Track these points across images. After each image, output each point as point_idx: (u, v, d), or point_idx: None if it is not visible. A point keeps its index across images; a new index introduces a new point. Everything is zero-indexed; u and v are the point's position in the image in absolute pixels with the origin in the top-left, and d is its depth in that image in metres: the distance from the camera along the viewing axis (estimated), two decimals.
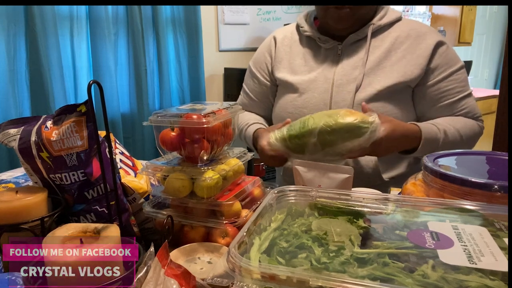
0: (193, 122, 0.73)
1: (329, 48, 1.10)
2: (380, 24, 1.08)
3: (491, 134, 1.96)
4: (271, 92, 1.21)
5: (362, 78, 1.04)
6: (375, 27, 1.07)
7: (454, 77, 1.07)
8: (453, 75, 1.07)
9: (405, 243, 0.50)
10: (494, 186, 0.63)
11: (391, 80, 1.03)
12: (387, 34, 1.08)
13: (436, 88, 1.06)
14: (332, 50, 1.10)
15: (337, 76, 1.07)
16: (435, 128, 1.00)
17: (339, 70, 1.07)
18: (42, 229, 0.65)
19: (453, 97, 1.07)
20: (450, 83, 1.07)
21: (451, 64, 1.07)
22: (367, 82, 1.04)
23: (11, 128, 0.72)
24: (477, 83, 4.79)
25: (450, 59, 1.07)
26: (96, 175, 0.71)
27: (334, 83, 1.06)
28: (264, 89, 1.21)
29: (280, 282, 0.44)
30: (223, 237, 0.75)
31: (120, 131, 2.29)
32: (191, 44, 2.57)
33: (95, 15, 2.11)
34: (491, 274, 0.43)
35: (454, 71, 1.07)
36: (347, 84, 1.05)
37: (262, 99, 1.23)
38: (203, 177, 0.73)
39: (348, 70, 1.07)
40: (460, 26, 3.92)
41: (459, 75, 1.08)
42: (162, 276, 0.51)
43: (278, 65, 1.17)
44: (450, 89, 1.07)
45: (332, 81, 1.07)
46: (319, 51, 1.12)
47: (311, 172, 0.84)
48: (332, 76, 1.07)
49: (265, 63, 1.20)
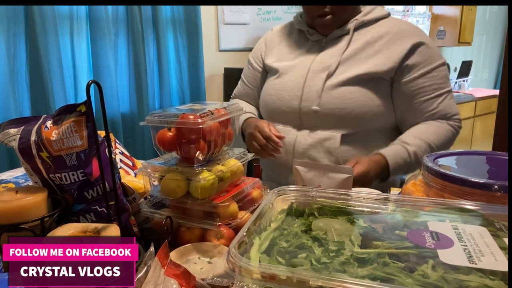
0: (189, 123, 0.73)
1: (315, 40, 1.19)
2: (364, 20, 1.14)
3: (491, 134, 1.96)
4: (261, 78, 1.31)
5: (336, 67, 1.11)
6: (358, 22, 1.14)
7: (432, 74, 1.10)
8: (431, 72, 1.09)
9: (405, 243, 0.50)
10: (494, 186, 0.63)
11: (362, 70, 1.08)
12: (370, 29, 1.14)
13: (413, 84, 1.09)
14: (318, 42, 1.19)
15: (314, 63, 1.15)
16: (405, 154, 1.04)
17: (318, 58, 1.16)
18: (42, 229, 0.65)
19: (429, 94, 1.09)
20: (428, 79, 1.09)
21: (430, 62, 1.09)
22: (341, 70, 1.11)
23: (11, 128, 0.72)
24: (477, 83, 4.79)
25: (429, 56, 1.10)
26: (96, 175, 0.71)
27: (310, 69, 1.14)
28: (257, 74, 1.31)
29: (280, 282, 0.44)
30: (218, 239, 0.75)
31: (120, 131, 2.29)
32: (191, 44, 2.56)
33: (95, 15, 2.11)
34: (491, 274, 0.43)
35: (433, 68, 1.09)
36: (322, 71, 1.13)
37: (254, 84, 1.32)
38: (198, 178, 0.73)
39: (325, 58, 1.14)
40: (460, 26, 3.92)
41: (438, 72, 1.10)
42: (162, 276, 0.51)
43: (269, 53, 1.28)
44: (427, 85, 1.09)
45: (309, 67, 1.15)
46: (307, 42, 1.21)
47: (311, 172, 0.84)
48: (310, 63, 1.15)
49: (260, 51, 1.31)
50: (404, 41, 1.09)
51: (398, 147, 1.06)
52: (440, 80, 1.10)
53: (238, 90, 1.38)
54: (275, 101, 1.18)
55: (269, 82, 1.24)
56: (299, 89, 1.14)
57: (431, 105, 1.10)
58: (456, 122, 1.13)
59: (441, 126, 1.10)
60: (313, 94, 1.11)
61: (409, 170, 1.07)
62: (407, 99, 1.11)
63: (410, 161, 1.04)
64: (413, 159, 1.04)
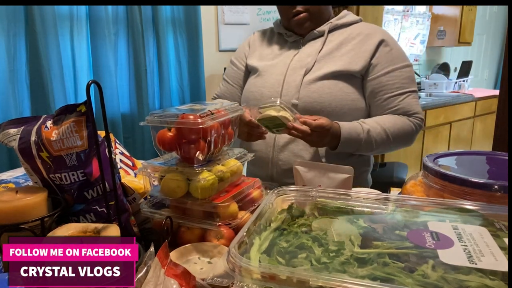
0: (189, 123, 0.73)
1: (293, 41, 1.28)
2: (337, 24, 1.23)
3: (491, 134, 1.96)
4: (244, 77, 1.37)
5: (313, 64, 1.19)
6: (332, 25, 1.23)
7: (396, 73, 1.17)
8: (395, 71, 1.17)
9: (405, 243, 0.50)
10: (494, 186, 0.63)
11: (337, 67, 1.16)
12: (343, 31, 1.23)
13: (377, 81, 1.17)
14: (295, 43, 1.28)
15: (293, 62, 1.23)
16: (359, 128, 1.10)
17: (296, 57, 1.23)
18: (42, 229, 0.65)
19: (392, 92, 1.16)
20: (391, 78, 1.16)
21: (395, 62, 1.17)
22: (317, 67, 1.18)
23: (11, 128, 0.72)
24: (477, 83, 4.79)
25: (394, 57, 1.18)
26: (96, 175, 0.71)
27: (289, 67, 1.22)
28: (240, 74, 1.38)
29: (280, 282, 0.44)
30: (218, 239, 0.75)
31: (120, 131, 2.29)
32: (191, 44, 2.56)
33: (95, 15, 2.11)
34: (491, 274, 0.43)
35: (396, 68, 1.17)
36: (300, 68, 1.20)
37: (237, 83, 1.38)
38: (198, 178, 0.73)
39: (303, 57, 1.22)
40: (460, 26, 3.92)
41: (402, 73, 1.17)
42: (162, 276, 0.51)
43: (251, 54, 1.35)
44: (390, 84, 1.16)
45: (288, 65, 1.22)
46: (286, 44, 1.30)
47: (311, 172, 0.84)
48: (289, 62, 1.23)
49: (243, 52, 1.39)
50: (372, 40, 1.18)
51: (354, 123, 1.12)
52: (404, 80, 1.17)
53: (221, 90, 1.43)
54: (256, 97, 1.23)
55: (250, 81, 1.31)
56: (279, 85, 1.20)
57: (392, 102, 1.16)
58: (416, 120, 1.18)
59: (399, 118, 1.16)
60: (292, 89, 1.18)
61: (360, 147, 1.11)
62: (372, 96, 1.18)
63: (362, 138, 1.09)
64: (365, 136, 1.09)
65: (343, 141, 1.08)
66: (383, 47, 1.18)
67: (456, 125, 3.74)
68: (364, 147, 1.12)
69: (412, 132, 1.17)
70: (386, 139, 1.12)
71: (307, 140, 1.03)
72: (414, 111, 1.18)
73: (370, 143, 1.11)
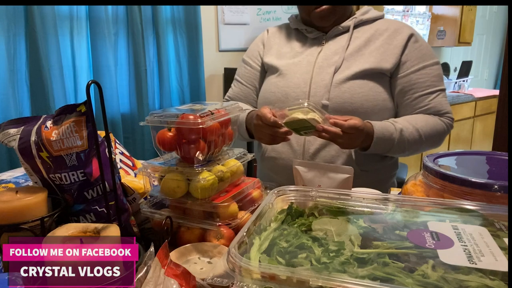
0: (189, 123, 0.73)
1: (315, 38, 1.20)
2: (362, 19, 1.17)
3: (491, 134, 1.97)
4: (260, 77, 1.29)
5: (341, 62, 1.12)
6: (357, 20, 1.16)
7: (426, 71, 1.12)
8: (425, 69, 1.11)
9: (405, 243, 0.50)
10: (494, 186, 0.63)
11: (367, 64, 1.10)
12: (368, 27, 1.17)
13: (407, 79, 1.12)
14: (317, 40, 1.20)
15: (319, 59, 1.15)
16: (391, 128, 1.04)
17: (322, 54, 1.16)
18: (42, 229, 0.65)
19: (422, 90, 1.11)
20: (421, 76, 1.11)
21: (424, 59, 1.12)
22: (346, 65, 1.12)
23: (11, 128, 0.72)
24: (477, 83, 4.79)
25: (423, 53, 1.12)
26: (96, 175, 0.71)
27: (316, 65, 1.15)
28: (254, 73, 1.29)
29: (280, 282, 0.44)
30: (218, 239, 0.75)
31: (120, 131, 2.29)
32: (191, 44, 2.56)
33: (95, 15, 2.11)
34: (491, 274, 0.43)
35: (426, 66, 1.12)
36: (328, 66, 1.13)
37: (251, 83, 1.30)
38: (198, 178, 0.73)
39: (329, 55, 1.15)
40: (460, 26, 3.92)
41: (432, 70, 1.12)
42: (162, 276, 0.51)
43: (267, 52, 1.27)
44: (420, 82, 1.11)
45: (314, 63, 1.15)
46: (306, 40, 1.22)
47: (311, 172, 0.84)
48: (314, 60, 1.16)
49: (258, 51, 1.31)
50: (400, 36, 1.12)
51: (386, 122, 1.07)
52: (434, 78, 1.12)
53: (233, 92, 1.35)
54: (279, 98, 1.16)
55: (270, 80, 1.22)
56: (305, 85, 1.13)
57: (423, 101, 1.11)
58: (448, 120, 1.14)
59: (431, 118, 1.11)
60: (321, 89, 1.11)
61: (392, 148, 1.05)
62: (401, 95, 1.13)
63: (395, 138, 1.04)
64: (398, 135, 1.04)
65: (376, 141, 1.02)
66: (413, 43, 1.12)
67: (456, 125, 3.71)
68: (396, 148, 1.06)
69: (444, 132, 1.13)
70: (419, 139, 1.07)
71: (338, 142, 0.95)
72: (445, 111, 1.13)
73: (402, 143, 1.05)
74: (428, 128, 1.08)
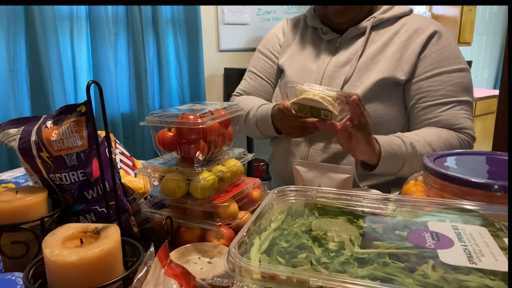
0: (189, 123, 0.73)
1: (329, 39, 1.11)
2: (382, 18, 1.04)
3: (491, 134, 1.97)
4: (277, 72, 1.21)
5: (352, 73, 1.01)
6: (376, 20, 1.04)
7: (442, 78, 0.96)
8: (441, 75, 0.96)
9: (405, 243, 0.50)
10: (494, 186, 0.63)
11: (380, 74, 0.98)
12: (389, 29, 1.04)
13: (417, 87, 0.97)
14: (331, 42, 1.11)
15: (329, 67, 1.07)
16: (398, 140, 0.92)
17: (333, 62, 1.07)
18: (42, 229, 0.65)
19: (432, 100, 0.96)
20: (434, 83, 0.96)
21: (443, 63, 0.96)
22: (357, 76, 1.01)
23: (11, 128, 0.72)
24: (477, 83, 4.78)
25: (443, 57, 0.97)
26: (96, 175, 0.71)
27: (325, 74, 1.06)
28: (273, 66, 1.20)
29: (280, 282, 0.44)
30: (218, 239, 0.75)
31: (120, 131, 2.29)
32: (191, 44, 2.56)
33: (95, 15, 2.11)
34: (491, 274, 0.43)
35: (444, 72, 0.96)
36: (338, 77, 1.04)
37: (269, 76, 1.20)
38: (198, 178, 0.73)
39: (341, 62, 1.05)
40: (460, 26, 3.92)
41: (451, 78, 0.96)
42: (162, 276, 0.51)
43: (284, 50, 1.18)
44: (432, 90, 0.96)
45: (323, 72, 1.07)
46: (321, 42, 1.13)
47: (311, 172, 0.84)
48: (324, 67, 1.07)
49: (278, 43, 1.21)
50: (421, 37, 0.98)
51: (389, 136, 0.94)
52: (451, 87, 0.95)
53: (248, 85, 1.23)
54: None
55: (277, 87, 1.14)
56: None
57: (430, 112, 0.96)
58: (464, 136, 0.97)
59: (444, 131, 0.96)
60: None
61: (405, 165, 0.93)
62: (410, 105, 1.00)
63: (406, 150, 0.91)
64: (409, 148, 0.91)
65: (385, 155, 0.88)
66: (434, 43, 0.97)
67: None
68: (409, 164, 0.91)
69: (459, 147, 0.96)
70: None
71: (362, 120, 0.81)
72: (462, 125, 0.96)
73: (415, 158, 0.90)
74: (441, 142, 0.93)
